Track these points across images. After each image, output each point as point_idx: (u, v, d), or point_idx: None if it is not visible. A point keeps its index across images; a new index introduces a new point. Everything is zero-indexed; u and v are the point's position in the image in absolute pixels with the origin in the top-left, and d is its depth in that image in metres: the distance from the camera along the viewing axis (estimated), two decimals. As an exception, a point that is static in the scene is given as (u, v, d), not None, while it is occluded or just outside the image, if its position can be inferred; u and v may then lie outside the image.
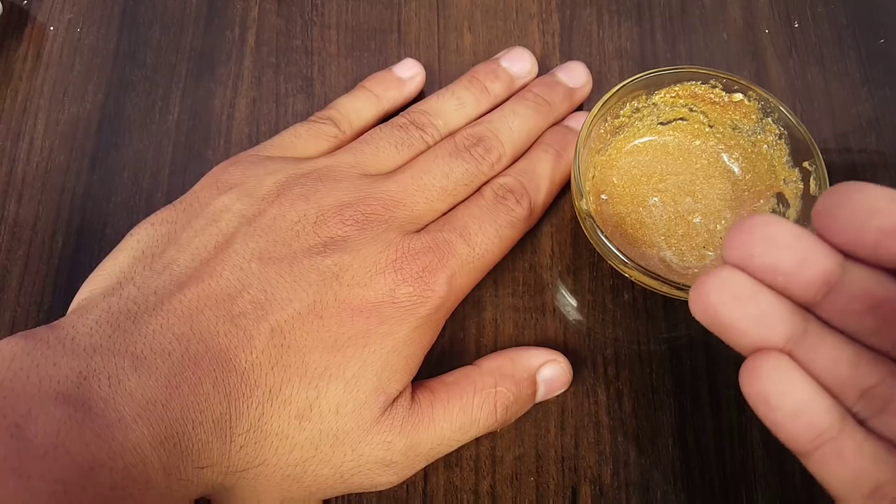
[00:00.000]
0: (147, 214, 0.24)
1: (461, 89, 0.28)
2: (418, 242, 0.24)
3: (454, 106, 0.28)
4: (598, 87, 0.31)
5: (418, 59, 0.31)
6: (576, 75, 0.30)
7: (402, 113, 0.28)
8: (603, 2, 0.33)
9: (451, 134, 0.27)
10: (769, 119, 0.26)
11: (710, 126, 0.28)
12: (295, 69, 0.32)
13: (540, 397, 0.25)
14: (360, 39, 0.32)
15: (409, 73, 0.30)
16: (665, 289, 0.23)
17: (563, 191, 0.29)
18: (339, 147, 0.27)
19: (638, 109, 0.27)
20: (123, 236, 0.24)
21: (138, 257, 0.23)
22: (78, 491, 0.17)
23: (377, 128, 0.27)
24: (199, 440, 0.20)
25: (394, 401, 0.23)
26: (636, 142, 0.28)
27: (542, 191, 0.27)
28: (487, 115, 0.28)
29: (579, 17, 0.32)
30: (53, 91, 0.31)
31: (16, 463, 0.17)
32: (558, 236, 0.29)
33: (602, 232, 0.23)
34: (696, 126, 0.28)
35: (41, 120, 0.31)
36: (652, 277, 0.23)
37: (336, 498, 0.25)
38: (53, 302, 0.28)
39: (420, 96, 0.30)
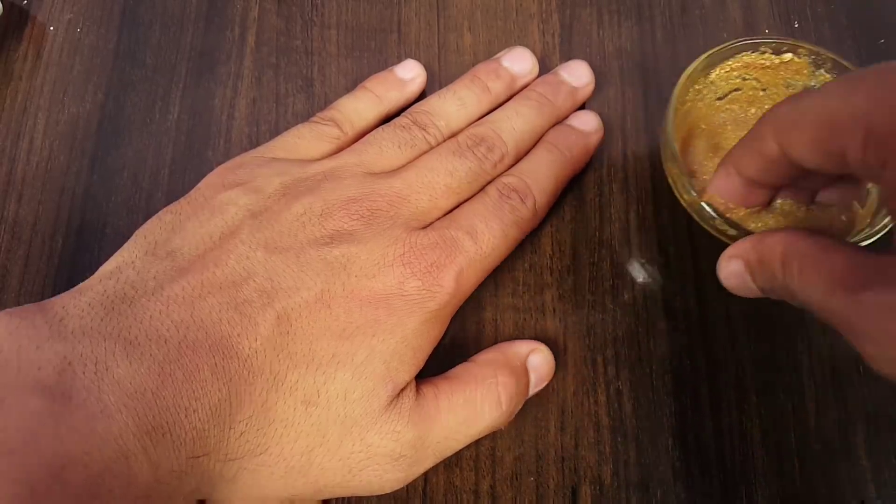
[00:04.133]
0: (147, 214, 0.24)
1: (463, 89, 0.28)
2: (425, 238, 0.24)
3: (456, 106, 0.28)
4: (598, 87, 0.30)
5: (418, 60, 0.31)
6: (579, 74, 0.30)
7: (404, 113, 0.28)
8: (603, 2, 0.33)
9: (454, 134, 0.27)
10: (822, 70, 0.27)
11: (763, 90, 0.28)
12: (295, 69, 0.32)
13: (532, 386, 0.25)
14: (360, 39, 0.32)
15: (411, 73, 0.30)
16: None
17: (565, 190, 0.29)
18: (340, 148, 0.27)
19: (699, 91, 0.28)
20: (123, 236, 0.24)
21: (140, 244, 0.23)
22: (44, 492, 0.16)
23: (380, 128, 0.27)
24: (193, 428, 0.19)
25: (400, 392, 0.23)
26: (702, 126, 0.28)
27: (546, 190, 0.27)
28: (490, 114, 0.28)
29: (579, 17, 0.32)
30: (53, 91, 0.31)
31: None
32: (558, 236, 0.29)
33: (735, 223, 0.24)
34: (749, 93, 0.28)
35: (41, 120, 0.31)
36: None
37: (336, 498, 0.25)
38: (53, 302, 0.28)
39: (421, 96, 0.30)
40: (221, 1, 0.33)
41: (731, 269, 0.23)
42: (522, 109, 0.28)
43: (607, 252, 0.28)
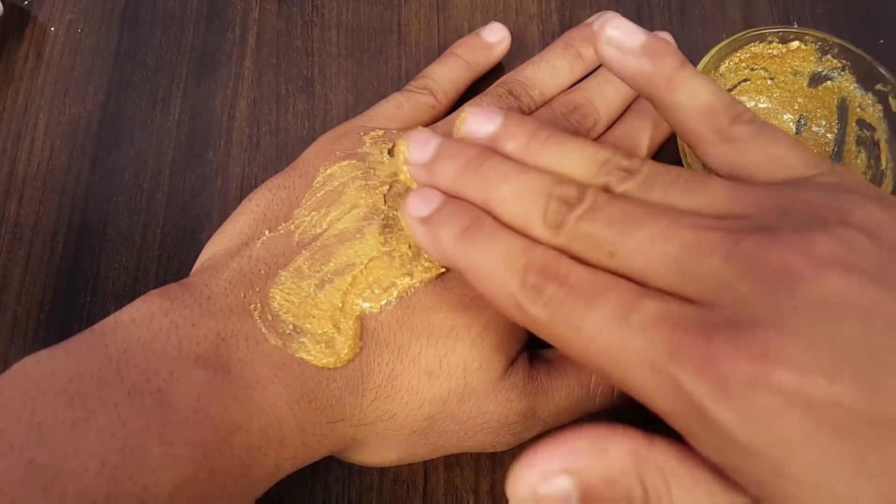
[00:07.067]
0: (149, 214, 0.24)
1: (555, 57, 0.29)
2: None
3: (549, 74, 0.28)
4: (598, 88, 0.31)
5: (418, 60, 0.31)
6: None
7: (498, 82, 0.28)
8: (602, 3, 0.33)
9: (547, 102, 0.28)
10: (828, 56, 0.27)
11: (771, 78, 0.29)
12: (295, 69, 0.32)
13: None
14: (360, 40, 0.32)
15: (496, 37, 0.30)
16: None
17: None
18: (436, 117, 0.28)
19: None
20: (125, 236, 0.24)
21: (259, 219, 0.24)
22: (216, 455, 0.18)
23: (476, 99, 0.28)
24: (332, 396, 0.21)
25: (513, 362, 0.23)
26: None
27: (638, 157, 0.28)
28: (581, 82, 0.29)
29: (579, 17, 0.33)
30: (54, 91, 0.31)
31: (160, 429, 0.17)
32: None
33: None
34: (758, 83, 0.29)
35: (42, 120, 0.31)
36: None
37: (340, 490, 0.25)
38: (54, 302, 0.28)
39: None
40: (222, 1, 0.33)
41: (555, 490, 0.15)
42: (613, 77, 0.28)
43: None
